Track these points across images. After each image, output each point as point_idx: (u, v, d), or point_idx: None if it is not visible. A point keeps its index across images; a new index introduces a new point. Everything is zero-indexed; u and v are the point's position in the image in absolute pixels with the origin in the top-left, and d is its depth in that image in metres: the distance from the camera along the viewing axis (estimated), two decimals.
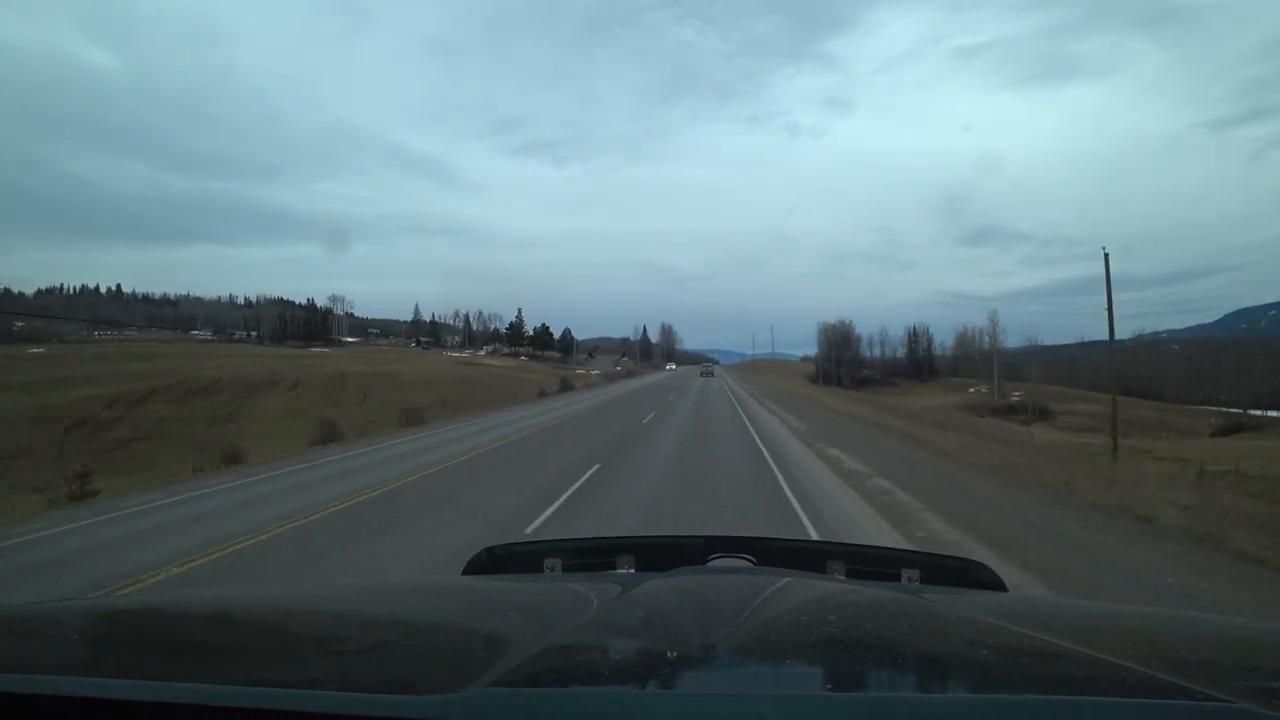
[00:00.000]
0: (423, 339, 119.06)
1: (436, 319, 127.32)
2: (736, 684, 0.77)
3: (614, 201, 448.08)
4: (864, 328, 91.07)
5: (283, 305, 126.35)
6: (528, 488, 10.23)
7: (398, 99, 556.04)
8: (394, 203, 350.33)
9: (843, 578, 1.45)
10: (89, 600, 2.50)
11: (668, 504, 8.87)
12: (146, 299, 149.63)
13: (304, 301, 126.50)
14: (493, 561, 1.58)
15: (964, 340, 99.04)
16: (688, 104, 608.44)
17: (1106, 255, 20.59)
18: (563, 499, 9.26)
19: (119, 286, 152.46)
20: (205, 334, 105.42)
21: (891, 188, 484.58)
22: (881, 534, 7.20)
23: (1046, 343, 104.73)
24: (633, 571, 1.49)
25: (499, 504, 9.16)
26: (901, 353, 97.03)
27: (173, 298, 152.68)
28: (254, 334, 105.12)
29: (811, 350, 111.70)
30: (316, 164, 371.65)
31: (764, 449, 14.47)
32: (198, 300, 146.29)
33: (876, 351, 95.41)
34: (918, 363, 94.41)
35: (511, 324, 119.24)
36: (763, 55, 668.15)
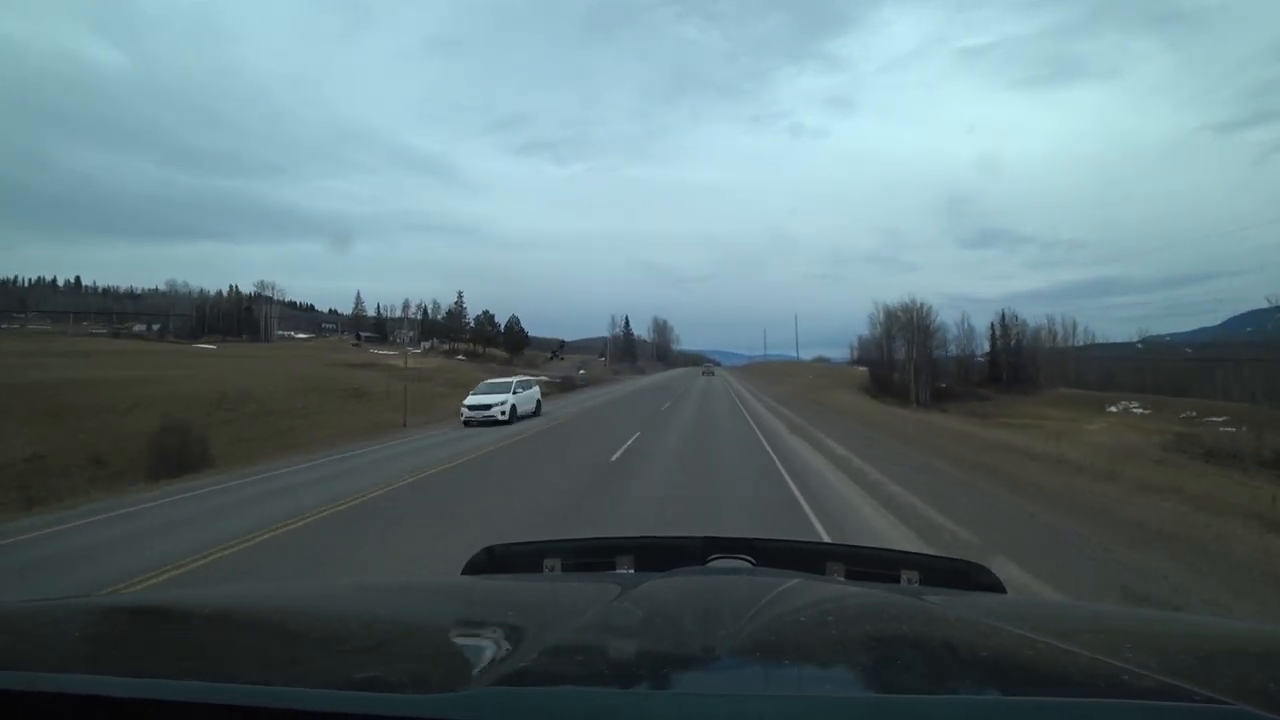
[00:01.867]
0: (364, 334, 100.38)
1: (383, 311, 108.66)
2: (736, 685, 0.76)
3: (615, 201, 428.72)
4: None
5: (261, 298, 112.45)
6: None
7: (399, 98, 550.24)
8: (395, 200, 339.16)
9: (842, 579, 1.44)
10: (87, 598, 2.33)
11: None
12: (107, 292, 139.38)
13: (268, 294, 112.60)
14: (492, 561, 1.56)
15: (1038, 338, 72.84)
16: (689, 103, 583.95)
17: None
18: None
19: (78, 279, 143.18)
20: (101, 329, 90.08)
21: (895, 189, 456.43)
22: None
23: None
24: (632, 572, 1.48)
25: None
26: (981, 351, 69.84)
27: (138, 292, 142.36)
28: (155, 327, 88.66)
29: (824, 351, 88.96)
30: (318, 161, 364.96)
31: None
32: (164, 294, 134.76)
33: (950, 349, 67.89)
34: (1011, 367, 66.51)
35: (449, 312, 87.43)
36: (765, 54, 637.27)
